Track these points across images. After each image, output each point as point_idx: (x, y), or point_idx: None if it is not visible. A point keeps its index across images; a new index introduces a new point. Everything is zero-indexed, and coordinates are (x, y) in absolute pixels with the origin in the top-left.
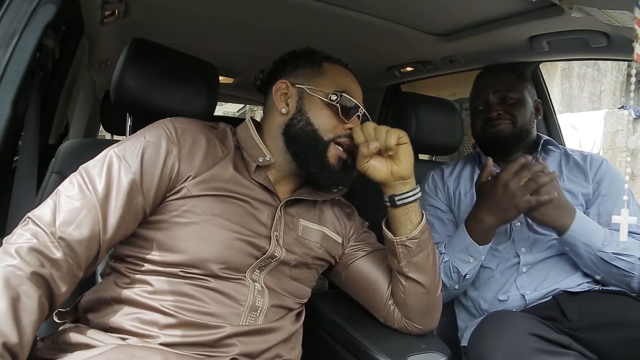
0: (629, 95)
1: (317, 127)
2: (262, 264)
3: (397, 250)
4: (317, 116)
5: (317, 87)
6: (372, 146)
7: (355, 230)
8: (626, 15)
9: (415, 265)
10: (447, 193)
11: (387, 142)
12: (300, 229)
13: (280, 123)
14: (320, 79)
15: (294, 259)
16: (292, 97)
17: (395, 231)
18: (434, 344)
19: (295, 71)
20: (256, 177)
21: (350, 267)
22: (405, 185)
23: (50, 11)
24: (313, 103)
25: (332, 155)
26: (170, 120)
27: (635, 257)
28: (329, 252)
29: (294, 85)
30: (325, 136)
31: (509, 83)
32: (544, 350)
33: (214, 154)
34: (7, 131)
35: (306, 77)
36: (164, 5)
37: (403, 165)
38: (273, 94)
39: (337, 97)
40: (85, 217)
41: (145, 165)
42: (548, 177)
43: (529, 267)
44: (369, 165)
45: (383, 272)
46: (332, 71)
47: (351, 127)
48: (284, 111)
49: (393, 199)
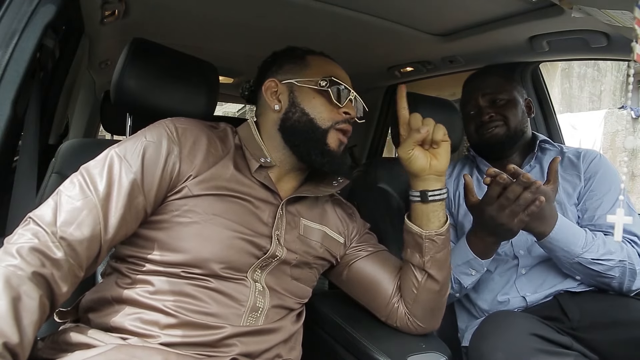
0: (627, 95)
1: (313, 116)
2: (263, 263)
3: (423, 244)
4: (311, 105)
5: (305, 77)
6: (423, 130)
7: (357, 231)
8: (626, 15)
9: (437, 261)
10: (447, 196)
11: (434, 135)
12: (301, 228)
13: (275, 120)
14: (306, 70)
15: (295, 258)
16: (283, 93)
17: (421, 226)
18: (434, 344)
19: (281, 69)
20: (257, 175)
21: (353, 267)
22: (438, 182)
23: (50, 11)
24: (304, 94)
25: (332, 141)
26: (171, 120)
27: (616, 259)
28: (330, 252)
29: (282, 82)
30: (323, 124)
31: (497, 85)
32: (545, 351)
33: (214, 153)
34: (7, 131)
35: (293, 72)
36: (164, 5)
37: (442, 161)
38: (263, 94)
39: (326, 82)
40: (86, 217)
41: (146, 165)
42: (531, 193)
43: (527, 269)
44: (412, 153)
45: (387, 270)
46: (316, 62)
47: (347, 111)
48: (276, 107)
49: (425, 194)
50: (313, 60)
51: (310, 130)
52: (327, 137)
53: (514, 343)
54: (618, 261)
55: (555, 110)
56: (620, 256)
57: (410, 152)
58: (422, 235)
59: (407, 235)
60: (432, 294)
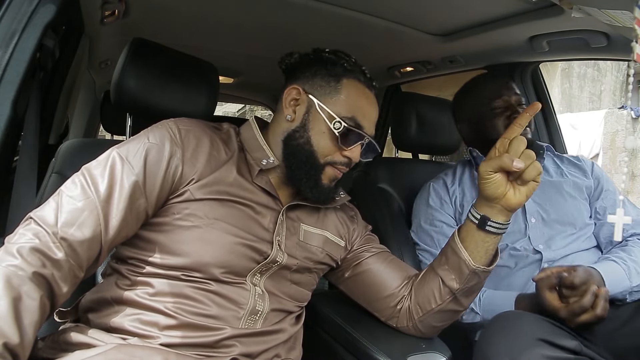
0: (627, 95)
1: (315, 149)
2: (263, 268)
3: (466, 274)
4: (318, 138)
5: (327, 105)
6: (516, 165)
7: (359, 234)
8: (626, 15)
9: (470, 291)
10: (454, 205)
11: (526, 173)
12: (301, 234)
13: (284, 129)
14: (335, 96)
15: (295, 264)
16: (301, 106)
17: (469, 251)
18: (434, 344)
19: (312, 80)
20: (258, 181)
21: (356, 268)
22: (503, 215)
23: (50, 11)
24: (317, 122)
25: (326, 177)
26: (174, 122)
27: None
28: (330, 256)
29: (306, 94)
30: (321, 159)
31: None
32: (553, 357)
33: (217, 157)
34: (7, 131)
35: (320, 91)
36: (164, 5)
37: (520, 198)
38: (283, 98)
39: (340, 126)
40: (87, 218)
41: (148, 167)
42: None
43: (551, 263)
44: (494, 177)
45: (392, 271)
46: (348, 90)
47: (349, 155)
48: (289, 118)
49: (485, 221)
50: (347, 86)
51: (308, 162)
52: (322, 173)
53: (521, 349)
54: None
55: (555, 110)
56: None
57: (491, 175)
58: (469, 266)
59: (451, 253)
60: (451, 314)
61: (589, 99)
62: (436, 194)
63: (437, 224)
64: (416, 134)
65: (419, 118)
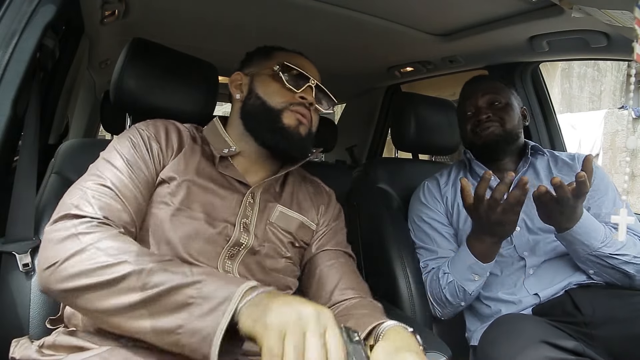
0: (628, 96)
1: (266, 99)
2: (231, 252)
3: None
4: (266, 91)
5: (265, 67)
6: None
7: (326, 221)
8: (626, 15)
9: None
10: (446, 205)
11: None
12: (274, 216)
13: (237, 109)
14: (268, 61)
15: (262, 246)
16: (245, 84)
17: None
18: (434, 344)
19: (249, 63)
20: (222, 168)
21: (306, 255)
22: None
23: (50, 11)
24: (261, 81)
25: (288, 120)
26: (142, 123)
27: (631, 255)
28: (303, 240)
29: (246, 74)
30: (276, 105)
31: (496, 88)
32: (555, 359)
33: (184, 149)
34: (7, 131)
35: (256, 64)
36: (164, 5)
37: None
38: (230, 87)
39: (279, 67)
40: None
41: (136, 159)
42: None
43: (535, 268)
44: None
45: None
46: (281, 55)
47: (303, 95)
48: (238, 97)
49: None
50: (279, 53)
51: (263, 112)
52: (281, 116)
53: (524, 351)
54: (633, 257)
55: (555, 110)
56: (635, 252)
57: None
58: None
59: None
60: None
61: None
62: (429, 192)
63: (429, 221)
64: (416, 134)
65: (418, 118)
